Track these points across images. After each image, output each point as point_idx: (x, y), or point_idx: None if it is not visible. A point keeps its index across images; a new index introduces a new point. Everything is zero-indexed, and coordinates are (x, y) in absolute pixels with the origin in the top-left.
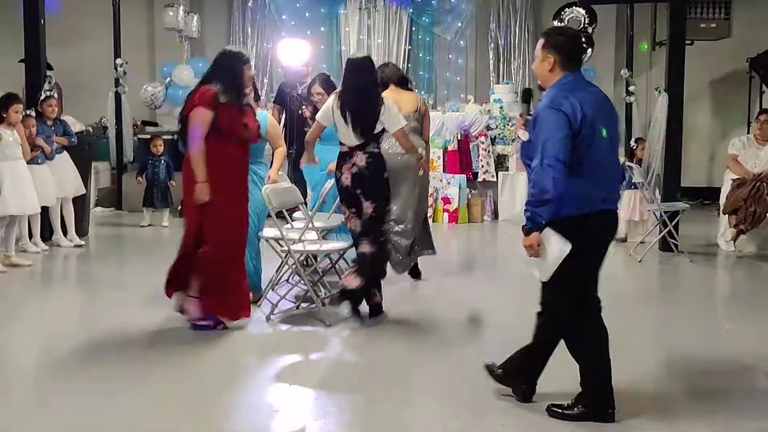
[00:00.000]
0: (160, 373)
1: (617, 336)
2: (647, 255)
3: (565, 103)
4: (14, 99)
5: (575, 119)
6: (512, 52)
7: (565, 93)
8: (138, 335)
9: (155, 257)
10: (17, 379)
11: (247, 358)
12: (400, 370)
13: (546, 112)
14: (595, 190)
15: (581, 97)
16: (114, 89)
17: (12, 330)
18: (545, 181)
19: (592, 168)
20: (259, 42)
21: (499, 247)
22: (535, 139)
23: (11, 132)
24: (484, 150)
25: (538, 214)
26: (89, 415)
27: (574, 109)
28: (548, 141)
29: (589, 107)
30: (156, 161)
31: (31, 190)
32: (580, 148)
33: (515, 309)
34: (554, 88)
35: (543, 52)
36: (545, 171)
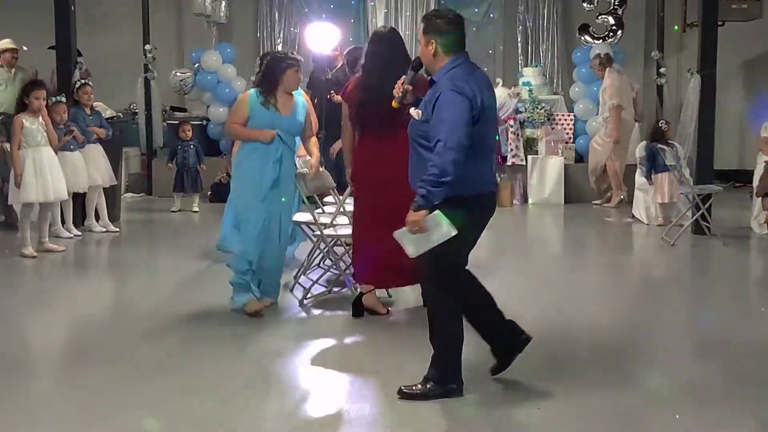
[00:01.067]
0: (191, 358)
1: (651, 319)
2: (680, 238)
3: (467, 87)
4: (37, 86)
5: (476, 103)
6: (541, 34)
7: (464, 76)
8: (170, 319)
9: (185, 242)
10: (48, 363)
11: (281, 342)
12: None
13: (449, 95)
14: (487, 170)
15: (477, 80)
16: (143, 75)
17: (44, 315)
18: (446, 164)
19: (485, 149)
20: (287, 27)
21: (529, 231)
22: (437, 121)
23: (34, 119)
24: (513, 133)
25: (433, 194)
26: (119, 400)
27: (474, 93)
28: (451, 124)
29: (483, 90)
30: (185, 146)
31: (56, 177)
32: (477, 131)
33: (546, 297)
34: (450, 72)
35: (425, 37)
36: (447, 153)
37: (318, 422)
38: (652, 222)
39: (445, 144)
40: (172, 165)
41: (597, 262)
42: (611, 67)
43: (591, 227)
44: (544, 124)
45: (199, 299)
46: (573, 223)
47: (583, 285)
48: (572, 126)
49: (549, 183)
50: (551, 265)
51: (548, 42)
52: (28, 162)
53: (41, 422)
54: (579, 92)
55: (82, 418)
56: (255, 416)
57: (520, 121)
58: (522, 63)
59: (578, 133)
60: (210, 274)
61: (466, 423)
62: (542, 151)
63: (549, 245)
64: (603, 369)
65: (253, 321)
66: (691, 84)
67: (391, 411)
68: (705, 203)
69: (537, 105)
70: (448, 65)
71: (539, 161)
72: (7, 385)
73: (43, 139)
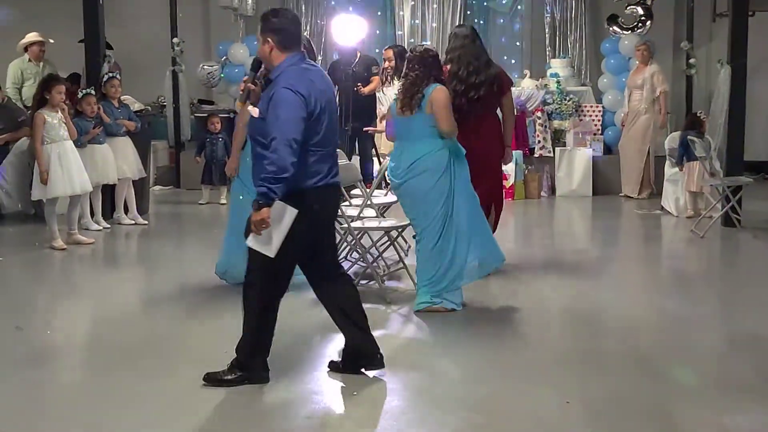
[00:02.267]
0: (219, 350)
1: (681, 313)
2: (710, 231)
3: (301, 85)
4: (56, 80)
5: (310, 100)
6: (568, 25)
7: (298, 74)
8: (200, 310)
9: (214, 234)
10: (76, 355)
11: (310, 334)
12: (462, 347)
13: (284, 93)
14: (327, 165)
15: (313, 77)
16: (171, 68)
17: (72, 307)
18: (283, 160)
19: (324, 144)
20: (314, 19)
21: (557, 223)
22: (272, 118)
23: (55, 114)
24: (540, 125)
25: (273, 191)
26: (147, 392)
27: (309, 91)
28: (286, 121)
29: (320, 87)
30: (214, 139)
31: (79, 170)
32: (314, 127)
33: (576, 289)
34: (285, 70)
35: (261, 36)
36: (282, 150)
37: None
38: (681, 214)
39: (280, 141)
40: (201, 159)
41: (626, 254)
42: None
43: (620, 219)
44: (572, 116)
45: (226, 290)
46: (601, 215)
47: (613, 278)
48: (600, 117)
49: (577, 175)
50: (580, 257)
51: (576, 33)
52: (53, 157)
53: (71, 413)
54: (607, 83)
55: (110, 409)
56: (285, 413)
57: (548, 112)
58: (550, 54)
59: (606, 124)
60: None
61: (496, 415)
62: (570, 142)
63: (577, 237)
64: (634, 362)
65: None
66: (721, 75)
67: (420, 403)
68: (735, 195)
69: (565, 96)
70: (284, 63)
71: (567, 153)
72: (37, 377)
73: (65, 133)
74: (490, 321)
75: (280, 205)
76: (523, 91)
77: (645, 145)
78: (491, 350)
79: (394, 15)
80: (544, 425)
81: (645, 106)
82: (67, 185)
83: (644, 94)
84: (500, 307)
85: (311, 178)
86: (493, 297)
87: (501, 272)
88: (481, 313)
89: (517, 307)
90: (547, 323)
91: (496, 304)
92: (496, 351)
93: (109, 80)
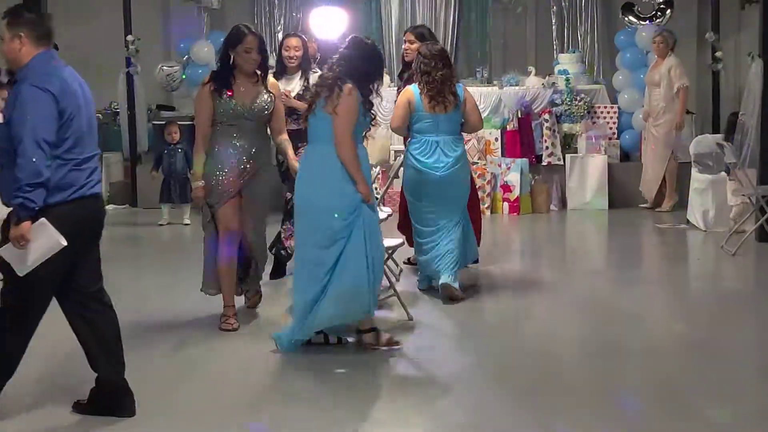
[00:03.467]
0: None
1: (712, 341)
2: (742, 247)
3: (52, 82)
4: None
5: (63, 98)
6: (578, 16)
7: (48, 71)
8: (159, 350)
9: (176, 261)
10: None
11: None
12: (464, 382)
13: (31, 91)
14: (80, 173)
15: (65, 75)
16: (125, 70)
17: None
18: (34, 164)
19: (77, 151)
20: (288, 12)
21: (569, 241)
22: (19, 119)
23: None
24: (548, 129)
25: (31, 200)
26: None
27: (62, 88)
28: (34, 122)
29: (72, 87)
30: (172, 151)
31: None
32: (71, 129)
33: (590, 317)
34: (34, 67)
35: (10, 31)
36: (34, 153)
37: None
38: (710, 228)
39: (28, 143)
40: (157, 173)
41: (648, 276)
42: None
43: (640, 236)
44: (583, 118)
45: (192, 324)
46: (619, 230)
47: (633, 303)
48: (616, 119)
49: (591, 185)
50: (595, 280)
51: (587, 24)
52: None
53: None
54: (623, 81)
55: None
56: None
57: (557, 114)
58: (557, 49)
59: (623, 127)
60: (202, 295)
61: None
62: (582, 148)
63: (592, 257)
64: (658, 399)
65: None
66: (753, 69)
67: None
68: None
69: (575, 96)
70: (37, 60)
71: (579, 160)
72: None
73: None
74: (489, 356)
75: (44, 227)
76: (528, 90)
77: (667, 149)
78: (502, 388)
79: (379, 6)
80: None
81: (664, 105)
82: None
83: (662, 92)
84: (501, 337)
85: (64, 191)
86: (493, 325)
87: (505, 296)
88: (486, 344)
89: (525, 337)
90: (555, 354)
91: (497, 333)
92: (509, 389)
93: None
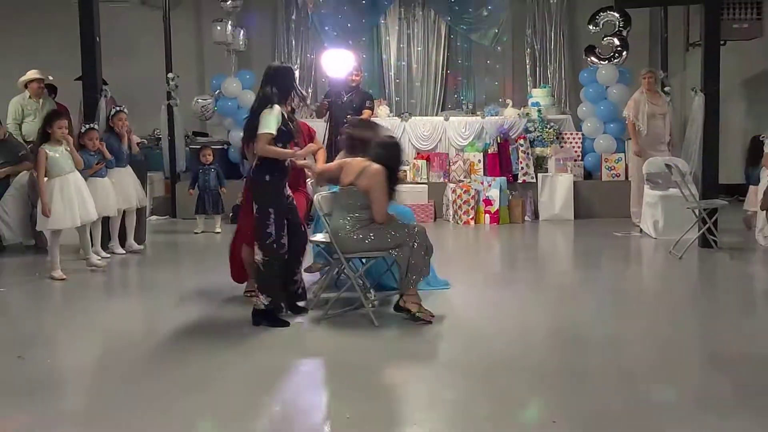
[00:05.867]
0: (218, 376)
1: (662, 333)
2: (687, 252)
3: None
4: (57, 116)
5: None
6: (548, 56)
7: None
8: (195, 338)
9: (208, 262)
10: (77, 384)
11: (289, 357)
12: (444, 369)
13: None
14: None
15: None
16: (166, 102)
17: (72, 336)
18: None
19: None
20: (303, 53)
21: (541, 246)
22: None
23: (57, 147)
24: (523, 152)
25: None
26: (151, 420)
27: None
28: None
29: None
30: (206, 170)
31: (84, 201)
32: None
33: (559, 311)
34: None
35: None
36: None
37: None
38: (660, 236)
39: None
40: (194, 190)
41: (607, 276)
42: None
43: (600, 242)
44: (553, 143)
45: (222, 315)
46: (583, 238)
47: (593, 299)
48: (580, 144)
49: (559, 200)
50: (563, 279)
51: (555, 63)
52: (55, 191)
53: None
54: (586, 111)
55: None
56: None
57: (530, 140)
58: (531, 84)
59: (586, 150)
60: (233, 292)
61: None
62: (552, 168)
63: (560, 260)
64: (618, 381)
65: (280, 336)
66: (696, 102)
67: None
68: (711, 217)
69: (546, 124)
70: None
71: (549, 179)
72: (37, 406)
73: (68, 166)
74: (472, 342)
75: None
76: (506, 119)
77: (637, 172)
78: (475, 372)
79: (380, 40)
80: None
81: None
82: (68, 218)
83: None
84: (483, 328)
85: None
86: (474, 317)
87: (484, 291)
88: (463, 335)
89: (500, 328)
90: (530, 343)
91: (479, 324)
92: (481, 372)
93: (116, 114)
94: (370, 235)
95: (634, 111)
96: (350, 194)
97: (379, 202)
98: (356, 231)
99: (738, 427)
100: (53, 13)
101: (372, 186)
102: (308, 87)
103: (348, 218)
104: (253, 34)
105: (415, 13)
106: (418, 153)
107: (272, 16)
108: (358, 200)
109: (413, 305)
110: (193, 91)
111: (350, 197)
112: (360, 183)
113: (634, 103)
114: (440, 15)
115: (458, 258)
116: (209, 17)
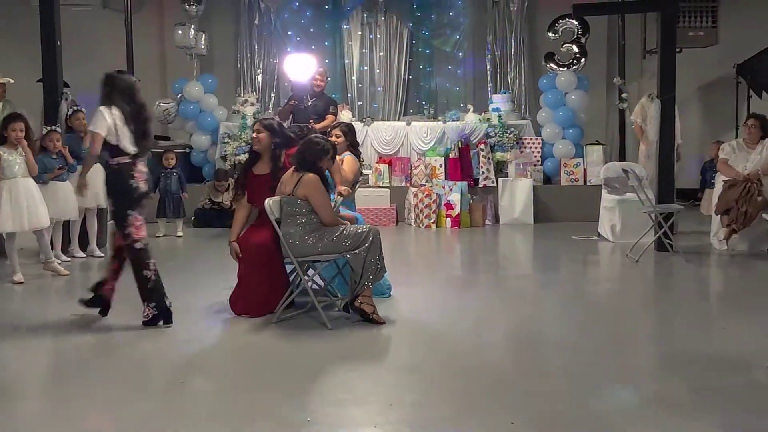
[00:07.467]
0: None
1: (617, 334)
2: (643, 255)
3: None
4: (13, 118)
5: None
6: (508, 62)
7: None
8: (151, 340)
9: (169, 265)
10: (32, 389)
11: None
12: (403, 373)
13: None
14: None
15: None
16: None
17: (28, 340)
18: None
19: None
20: (266, 58)
21: (501, 250)
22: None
23: (12, 151)
24: (484, 157)
25: None
26: (102, 424)
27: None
28: None
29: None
30: (168, 174)
31: (34, 206)
32: None
33: (518, 313)
34: None
35: None
36: None
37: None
38: (617, 240)
39: None
40: (154, 194)
41: (565, 279)
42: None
43: (559, 245)
44: (513, 148)
45: (181, 319)
46: (542, 241)
47: (552, 301)
48: (540, 149)
49: (519, 204)
50: (522, 282)
51: (516, 70)
52: (4, 193)
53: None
54: (546, 117)
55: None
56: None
57: (491, 145)
58: (491, 90)
59: (546, 155)
60: (195, 294)
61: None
62: (512, 173)
63: (520, 263)
64: (575, 383)
65: (234, 340)
66: (652, 108)
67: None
68: (667, 221)
69: (506, 130)
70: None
71: (509, 183)
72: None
73: (21, 170)
74: (432, 344)
75: None
76: (467, 125)
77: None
78: (434, 374)
79: (343, 45)
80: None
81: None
82: (17, 222)
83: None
84: (443, 330)
85: None
86: (434, 319)
87: (445, 294)
88: (422, 337)
89: (460, 330)
90: (489, 345)
91: (438, 326)
92: (440, 374)
93: (74, 113)
94: (324, 239)
95: (641, 116)
96: (293, 203)
97: (321, 207)
98: (309, 235)
99: (694, 427)
100: (14, 17)
101: (310, 194)
102: (270, 91)
103: (298, 224)
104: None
105: (378, 18)
106: (380, 157)
107: (235, 19)
108: (303, 207)
109: (368, 306)
110: (155, 94)
111: (294, 206)
112: (298, 193)
113: (641, 107)
114: (402, 21)
115: (419, 261)
116: (171, 21)
